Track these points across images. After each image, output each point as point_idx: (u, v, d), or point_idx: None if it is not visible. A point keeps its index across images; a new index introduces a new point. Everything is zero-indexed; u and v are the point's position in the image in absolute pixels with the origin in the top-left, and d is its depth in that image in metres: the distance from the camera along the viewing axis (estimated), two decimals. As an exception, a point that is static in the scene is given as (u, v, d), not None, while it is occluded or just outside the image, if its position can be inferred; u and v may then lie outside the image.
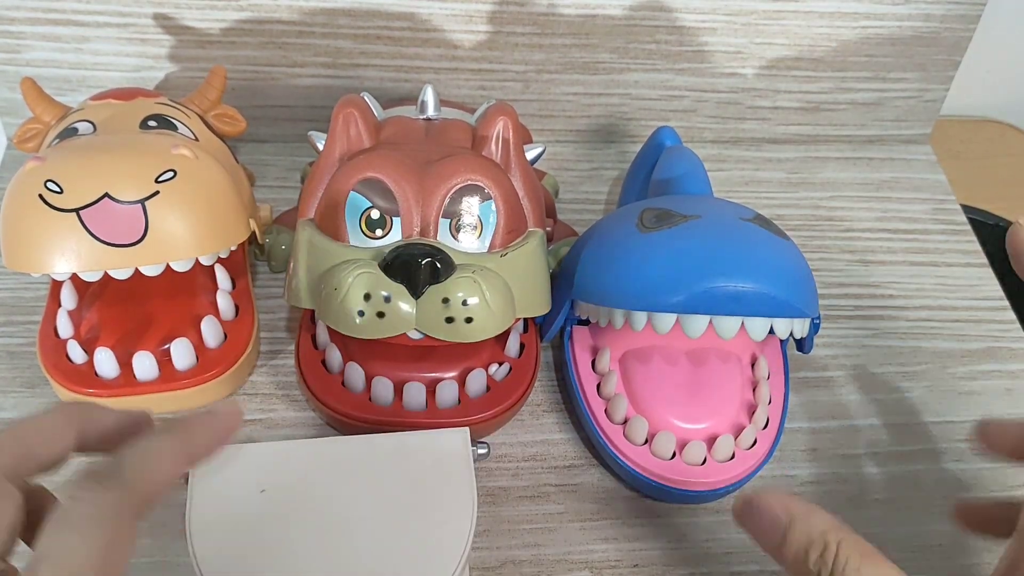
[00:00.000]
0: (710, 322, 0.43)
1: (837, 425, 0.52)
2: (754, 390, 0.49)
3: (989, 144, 0.80)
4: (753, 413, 0.48)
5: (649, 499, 0.48)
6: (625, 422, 0.47)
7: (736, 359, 0.49)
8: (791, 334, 0.46)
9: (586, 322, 0.51)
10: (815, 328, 0.48)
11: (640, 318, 0.45)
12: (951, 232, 0.64)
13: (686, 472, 0.46)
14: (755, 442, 0.47)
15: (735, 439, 0.46)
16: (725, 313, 0.43)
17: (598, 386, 0.49)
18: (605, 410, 0.48)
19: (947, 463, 0.51)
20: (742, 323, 0.43)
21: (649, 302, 0.44)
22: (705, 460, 0.46)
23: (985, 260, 0.62)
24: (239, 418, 0.34)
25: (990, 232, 0.72)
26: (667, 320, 0.44)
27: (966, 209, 0.66)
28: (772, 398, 0.49)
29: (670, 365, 0.49)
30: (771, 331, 0.44)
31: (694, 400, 0.48)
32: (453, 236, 0.46)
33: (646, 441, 0.47)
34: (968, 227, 0.64)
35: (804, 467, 0.50)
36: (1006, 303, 0.59)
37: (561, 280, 0.51)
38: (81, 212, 0.42)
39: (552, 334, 0.51)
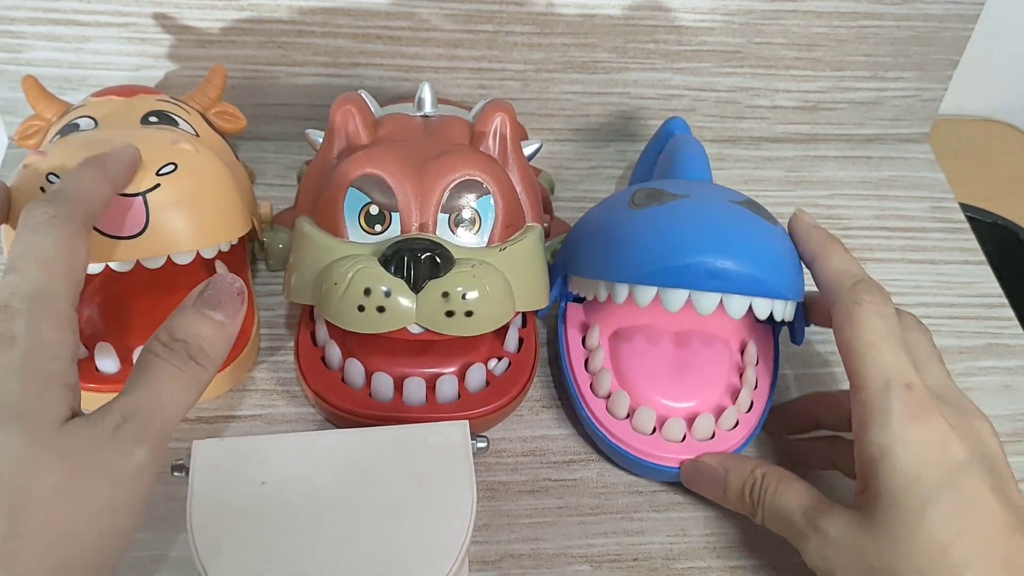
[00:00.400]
0: (689, 297, 0.44)
1: (836, 421, 0.52)
2: (740, 374, 0.50)
3: (988, 143, 0.80)
4: (737, 396, 0.48)
5: (632, 475, 0.48)
6: (608, 396, 0.48)
7: (724, 343, 0.50)
8: (779, 318, 0.46)
9: (581, 300, 0.51)
10: (799, 309, 0.48)
11: (622, 290, 0.45)
12: (949, 230, 0.64)
13: (665, 447, 0.46)
14: (736, 424, 0.47)
15: (716, 419, 0.47)
16: (704, 289, 0.43)
17: (586, 361, 0.50)
18: (591, 384, 0.49)
19: (946, 459, 0.51)
20: (720, 300, 0.44)
21: (630, 274, 0.44)
22: (685, 437, 0.46)
23: (983, 258, 0.62)
24: (137, 153, 0.43)
25: (988, 230, 0.72)
26: (647, 293, 0.44)
27: (964, 208, 0.66)
28: (759, 383, 0.49)
29: (657, 344, 0.49)
30: (755, 312, 0.45)
31: (677, 379, 0.48)
32: (452, 231, 0.46)
33: (628, 415, 0.47)
34: (966, 225, 0.64)
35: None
36: (1004, 300, 0.59)
37: (558, 258, 0.51)
38: (82, 205, 0.43)
39: (545, 310, 0.51)
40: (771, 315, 0.45)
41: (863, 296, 0.41)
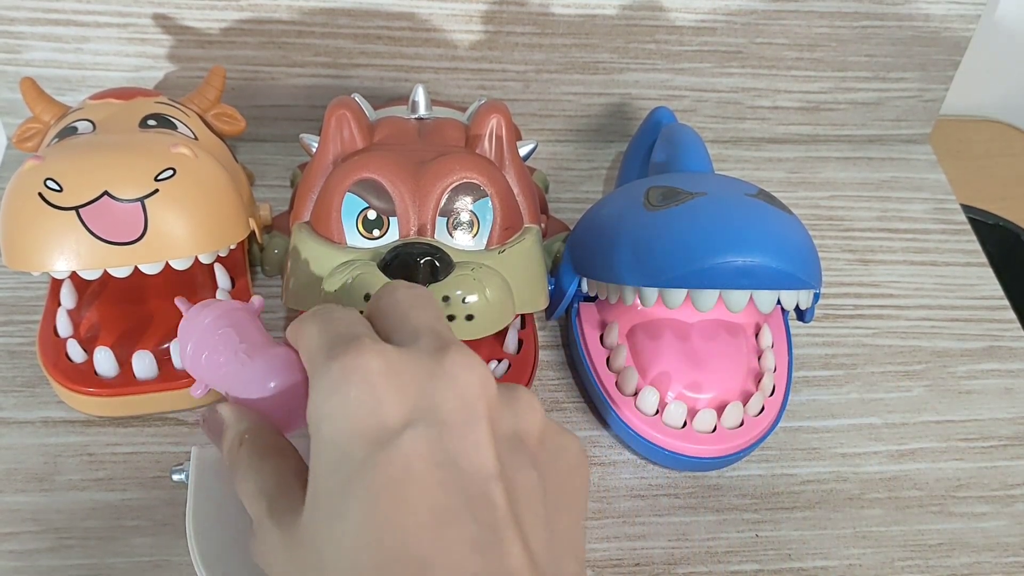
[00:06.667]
0: (720, 296, 0.44)
1: (837, 425, 0.52)
2: (759, 358, 0.50)
3: (989, 144, 0.79)
4: (759, 381, 0.49)
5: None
6: (636, 394, 0.48)
7: (740, 329, 0.50)
8: (803, 307, 0.47)
9: (593, 298, 0.51)
10: (816, 297, 0.49)
11: (651, 294, 0.45)
12: (951, 232, 0.64)
13: (697, 440, 0.46)
14: (763, 409, 0.48)
15: (744, 406, 0.47)
16: (735, 287, 0.44)
17: (607, 360, 0.50)
18: (616, 383, 0.49)
19: (947, 462, 0.51)
20: (751, 296, 0.44)
21: (661, 278, 0.44)
22: (715, 428, 0.47)
23: (985, 259, 0.62)
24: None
25: (990, 232, 0.72)
26: (678, 295, 0.45)
27: (966, 209, 0.66)
28: (776, 366, 0.50)
29: (677, 337, 0.49)
30: (777, 302, 0.45)
31: (701, 370, 0.48)
32: (450, 234, 0.46)
33: (657, 412, 0.47)
34: (968, 226, 0.64)
35: (804, 466, 0.50)
36: (1006, 302, 0.59)
37: (568, 259, 0.51)
38: (80, 210, 0.42)
39: (559, 312, 0.52)
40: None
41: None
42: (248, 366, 0.37)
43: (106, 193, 0.43)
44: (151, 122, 0.50)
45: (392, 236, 0.45)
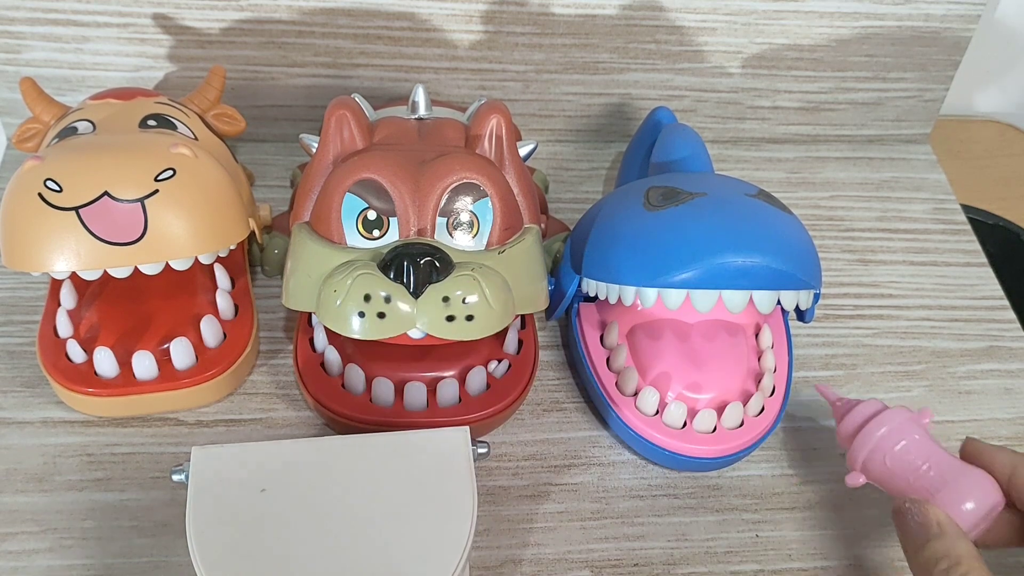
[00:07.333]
0: (719, 296, 0.44)
1: (837, 424, 0.52)
2: (759, 359, 0.50)
3: (989, 144, 0.79)
4: (759, 381, 0.49)
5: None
6: (636, 394, 0.48)
7: (741, 329, 0.50)
8: (803, 308, 0.47)
9: (593, 298, 0.51)
10: (816, 297, 0.49)
11: (651, 295, 0.45)
12: (951, 232, 0.64)
13: (697, 440, 0.46)
14: (763, 409, 0.48)
15: (744, 406, 0.47)
16: (734, 287, 0.44)
17: (607, 360, 0.50)
18: (616, 383, 0.49)
19: (947, 462, 0.51)
20: (750, 297, 0.44)
21: (660, 279, 0.44)
22: (715, 428, 0.47)
23: (985, 260, 0.62)
24: None
25: (990, 232, 0.72)
26: (678, 296, 0.45)
27: (966, 209, 0.66)
28: (776, 366, 0.50)
29: (677, 337, 0.49)
30: (777, 303, 0.45)
31: (701, 370, 0.48)
32: (450, 235, 0.46)
33: (657, 412, 0.47)
34: (968, 227, 0.64)
35: (804, 467, 0.50)
36: (1006, 302, 0.59)
37: (568, 260, 0.51)
38: (80, 211, 0.42)
39: (560, 312, 0.52)
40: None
41: None
42: (949, 482, 0.41)
43: (106, 193, 0.43)
44: (151, 122, 0.50)
45: (392, 236, 0.45)
